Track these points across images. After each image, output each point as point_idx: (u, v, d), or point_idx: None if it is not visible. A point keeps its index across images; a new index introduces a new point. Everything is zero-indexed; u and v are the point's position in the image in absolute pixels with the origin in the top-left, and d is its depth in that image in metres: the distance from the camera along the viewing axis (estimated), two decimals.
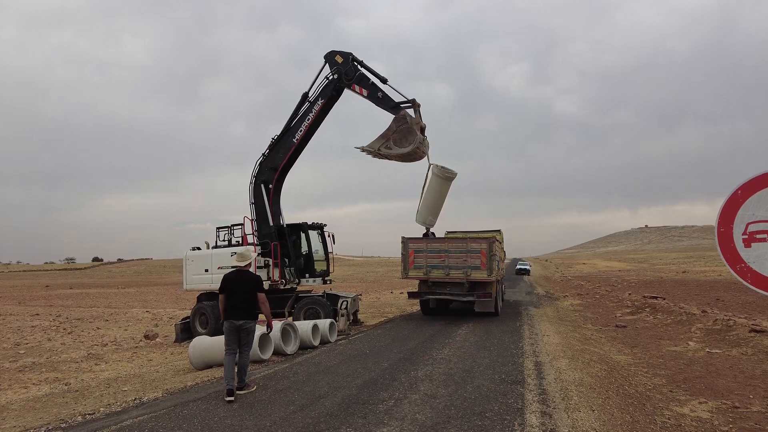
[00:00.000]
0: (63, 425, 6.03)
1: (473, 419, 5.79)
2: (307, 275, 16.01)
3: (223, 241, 15.69)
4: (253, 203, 15.53)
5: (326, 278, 16.36)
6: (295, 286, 15.77)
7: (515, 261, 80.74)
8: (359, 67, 14.96)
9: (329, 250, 16.76)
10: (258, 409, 6.40)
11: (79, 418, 6.29)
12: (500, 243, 19.15)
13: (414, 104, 14.46)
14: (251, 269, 9.76)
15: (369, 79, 14.82)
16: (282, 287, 15.17)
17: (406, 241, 16.22)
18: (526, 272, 60.96)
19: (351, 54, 14.95)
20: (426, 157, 14.77)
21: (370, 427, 5.56)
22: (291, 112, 15.47)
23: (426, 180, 15.37)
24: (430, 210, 15.72)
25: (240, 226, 15.41)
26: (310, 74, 15.43)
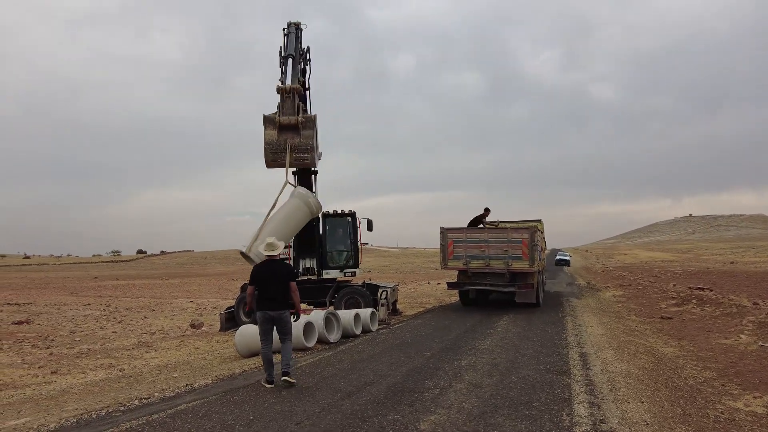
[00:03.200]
0: (122, 408, 6.30)
1: (520, 408, 5.79)
2: (331, 265, 15.39)
3: None
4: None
5: (349, 269, 15.46)
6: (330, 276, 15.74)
7: (554, 252, 79.49)
8: None
9: (360, 238, 15.85)
10: (306, 395, 6.54)
11: (136, 402, 6.57)
12: (541, 233, 18.90)
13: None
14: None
15: None
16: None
17: (444, 231, 16.17)
18: (566, 263, 59.91)
19: None
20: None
21: (418, 414, 5.63)
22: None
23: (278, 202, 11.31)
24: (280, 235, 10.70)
25: None
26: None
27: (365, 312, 12.22)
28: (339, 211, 15.89)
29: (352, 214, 15.87)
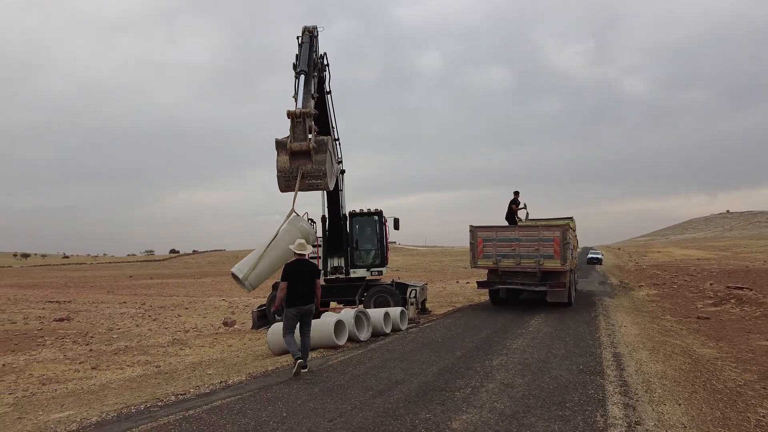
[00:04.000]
0: (159, 404, 6.47)
1: (553, 409, 5.73)
2: (358, 264, 15.41)
3: None
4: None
5: (376, 268, 15.41)
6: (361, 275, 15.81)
7: (586, 250, 78.23)
8: None
9: (387, 237, 15.80)
10: (338, 393, 6.60)
11: (173, 398, 6.73)
12: (573, 231, 18.64)
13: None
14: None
15: None
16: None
17: (474, 229, 16.09)
18: (598, 261, 58.95)
19: None
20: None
21: (449, 413, 5.63)
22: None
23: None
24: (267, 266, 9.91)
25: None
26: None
27: (395, 311, 12.26)
28: (366, 210, 15.90)
29: (379, 213, 15.85)
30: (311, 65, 11.33)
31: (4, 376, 9.49)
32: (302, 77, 10.72)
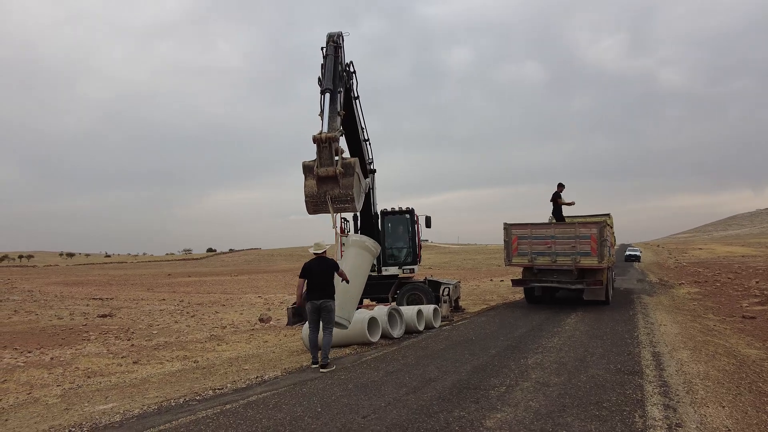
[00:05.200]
0: (197, 398, 6.63)
1: (590, 409, 5.63)
2: (390, 262, 15.40)
3: None
4: None
5: (407, 266, 15.27)
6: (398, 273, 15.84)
7: (624, 247, 76.50)
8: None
9: (418, 235, 15.76)
10: (372, 389, 6.64)
11: (210, 392, 6.89)
12: (610, 227, 18.25)
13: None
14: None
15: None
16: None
17: (508, 227, 15.90)
18: (636, 258, 57.63)
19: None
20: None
21: (484, 412, 5.59)
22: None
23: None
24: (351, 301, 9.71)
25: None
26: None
27: (428, 308, 12.23)
28: (397, 209, 15.91)
29: (411, 211, 15.84)
30: (337, 81, 10.87)
31: (52, 368, 9.88)
32: (327, 97, 10.33)
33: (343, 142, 13.24)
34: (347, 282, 8.64)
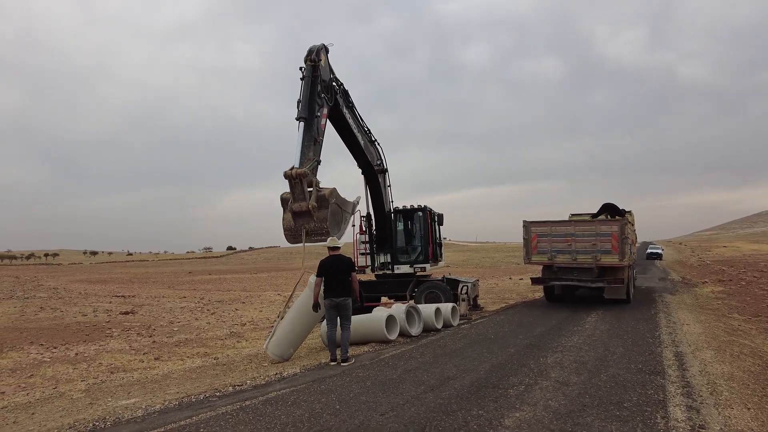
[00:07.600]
0: (218, 394, 6.71)
1: (610, 409, 5.57)
2: (401, 260, 15.12)
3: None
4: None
5: (419, 264, 14.93)
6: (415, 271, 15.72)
7: (645, 244, 75.42)
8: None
9: (431, 233, 15.36)
10: (390, 387, 6.65)
11: (230, 389, 6.96)
12: (632, 225, 18.00)
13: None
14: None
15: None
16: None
17: (527, 225, 15.78)
18: (658, 256, 56.82)
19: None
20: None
21: (503, 411, 5.56)
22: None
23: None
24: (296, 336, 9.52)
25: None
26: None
27: (446, 306, 12.19)
28: (410, 207, 15.64)
29: (423, 209, 15.58)
30: (314, 106, 10.42)
31: (77, 364, 10.08)
32: (302, 125, 10.08)
33: (343, 146, 13.21)
34: (361, 303, 8.58)
